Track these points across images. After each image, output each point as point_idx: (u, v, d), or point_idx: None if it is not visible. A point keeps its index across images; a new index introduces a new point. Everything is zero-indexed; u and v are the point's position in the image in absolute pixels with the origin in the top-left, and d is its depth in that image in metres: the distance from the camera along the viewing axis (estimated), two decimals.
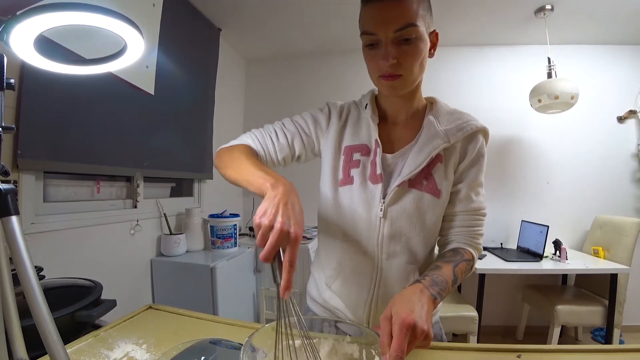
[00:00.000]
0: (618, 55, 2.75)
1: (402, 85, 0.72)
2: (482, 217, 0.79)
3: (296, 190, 0.60)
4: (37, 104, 1.26)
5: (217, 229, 2.20)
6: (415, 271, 0.77)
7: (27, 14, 0.41)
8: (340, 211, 0.79)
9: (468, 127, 0.76)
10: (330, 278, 0.83)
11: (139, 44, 0.52)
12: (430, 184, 0.75)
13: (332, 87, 3.01)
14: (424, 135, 0.77)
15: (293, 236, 0.52)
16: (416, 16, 0.66)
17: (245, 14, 2.39)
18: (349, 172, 0.79)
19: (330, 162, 0.81)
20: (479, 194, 0.79)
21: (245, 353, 0.52)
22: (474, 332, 2.02)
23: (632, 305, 2.54)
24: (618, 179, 2.75)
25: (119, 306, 0.99)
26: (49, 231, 1.35)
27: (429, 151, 0.74)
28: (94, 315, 0.88)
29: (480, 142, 0.78)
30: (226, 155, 0.79)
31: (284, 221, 0.52)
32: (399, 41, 0.67)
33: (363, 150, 0.79)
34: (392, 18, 0.65)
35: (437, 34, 0.74)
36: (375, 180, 0.76)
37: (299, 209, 0.56)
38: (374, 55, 0.70)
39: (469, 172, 0.78)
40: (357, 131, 0.82)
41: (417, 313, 0.53)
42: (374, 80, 0.74)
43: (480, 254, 0.79)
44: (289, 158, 0.84)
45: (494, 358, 0.70)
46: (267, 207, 0.54)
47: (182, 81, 2.16)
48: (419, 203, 0.74)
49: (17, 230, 0.48)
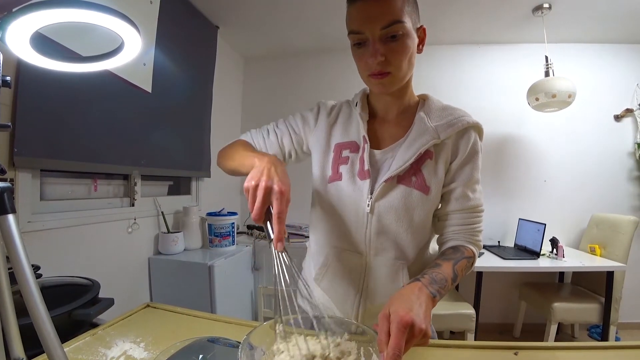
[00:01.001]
0: (615, 54, 2.76)
1: (391, 83, 0.72)
2: (480, 213, 0.79)
3: (282, 162, 0.66)
4: (34, 101, 1.25)
5: (215, 227, 2.19)
6: (404, 267, 0.77)
7: (23, 10, 0.41)
8: (328, 208, 0.81)
9: (459, 123, 0.75)
10: (318, 275, 0.83)
11: (136, 41, 0.52)
12: (419, 180, 0.75)
13: (330, 85, 3.00)
14: (414, 131, 0.77)
15: (277, 190, 0.57)
16: (401, 13, 0.66)
17: (243, 12, 2.38)
18: (337, 169, 0.79)
19: (319, 159, 0.83)
20: (475, 191, 0.78)
21: (243, 351, 0.52)
22: (471, 329, 2.03)
23: (628, 303, 2.56)
24: (615, 177, 2.76)
25: (116, 305, 0.99)
26: (45, 229, 1.35)
27: (418, 147, 0.74)
28: (91, 313, 0.88)
29: (472, 138, 0.77)
30: (223, 151, 0.86)
31: (267, 179, 0.58)
32: (386, 38, 0.67)
33: (352, 147, 0.79)
34: (377, 16, 0.65)
35: (425, 29, 0.74)
36: (363, 176, 0.76)
37: (282, 171, 0.62)
38: (362, 54, 0.70)
39: (463, 170, 0.77)
40: (347, 129, 0.82)
41: (415, 311, 0.53)
42: (364, 79, 0.74)
43: (480, 250, 0.79)
44: (279, 155, 0.88)
45: (491, 355, 0.71)
46: (254, 173, 0.60)
47: (180, 79, 2.15)
48: (407, 199, 0.74)
49: (14, 229, 0.47)
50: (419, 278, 0.64)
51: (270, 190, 0.58)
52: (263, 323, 0.60)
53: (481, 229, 0.79)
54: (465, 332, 2.05)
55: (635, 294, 2.65)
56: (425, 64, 2.82)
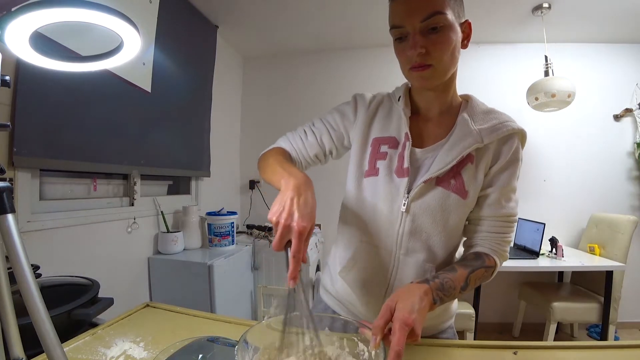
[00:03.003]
0: (615, 54, 2.76)
1: (432, 76, 0.69)
2: (513, 223, 0.77)
3: (310, 183, 0.63)
4: (33, 101, 1.25)
5: (215, 226, 2.19)
6: (432, 270, 0.75)
7: (22, 10, 0.41)
8: (361, 203, 0.79)
9: (504, 129, 0.73)
10: (345, 269, 0.82)
11: (135, 40, 0.52)
12: (458, 184, 0.73)
13: (330, 85, 3.00)
14: (456, 133, 0.74)
15: (296, 230, 0.55)
16: (443, 4, 0.65)
17: (243, 11, 2.38)
18: (374, 164, 0.77)
19: (357, 153, 0.81)
20: (511, 200, 0.76)
21: (240, 350, 0.52)
22: (470, 329, 2.04)
23: (627, 302, 2.56)
24: (614, 177, 2.76)
25: (116, 304, 1.00)
26: (45, 229, 1.34)
27: (460, 150, 0.71)
28: (91, 313, 0.88)
29: (515, 144, 0.74)
30: (261, 161, 0.83)
31: (287, 216, 0.56)
32: (427, 31, 0.65)
33: (391, 143, 0.77)
34: (417, 8, 0.65)
35: (470, 24, 0.72)
36: (401, 174, 0.74)
37: (305, 202, 0.58)
38: (402, 47, 0.68)
39: (501, 175, 0.75)
40: (387, 123, 0.80)
41: (417, 316, 0.55)
42: (405, 74, 0.72)
43: (505, 260, 0.76)
44: (321, 154, 0.86)
45: (491, 355, 0.71)
46: (276, 208, 0.58)
47: (179, 78, 2.15)
48: (444, 202, 0.73)
49: (13, 228, 0.47)
50: (429, 279, 0.63)
51: (289, 229, 0.56)
52: (262, 322, 0.61)
53: (510, 239, 0.77)
54: (465, 332, 2.06)
55: (635, 294, 2.66)
56: None
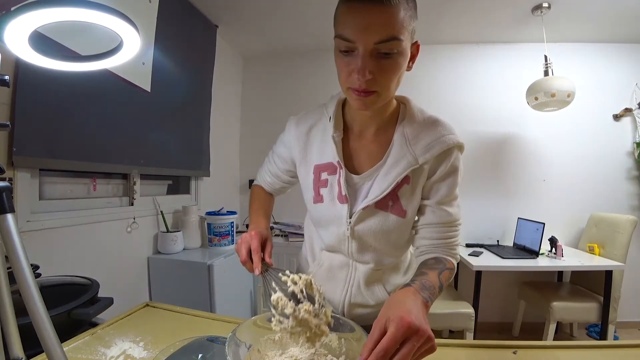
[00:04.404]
0: (614, 54, 2.76)
1: (374, 102, 0.65)
2: (457, 227, 0.78)
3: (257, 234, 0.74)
4: (33, 100, 1.25)
5: (214, 226, 2.19)
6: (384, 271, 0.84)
7: (22, 9, 0.41)
8: (316, 222, 0.86)
9: (438, 146, 0.72)
10: (312, 271, 0.89)
11: (134, 40, 0.52)
12: (397, 206, 0.75)
13: (329, 84, 2.97)
14: (392, 155, 0.74)
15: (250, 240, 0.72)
16: (402, 28, 0.59)
17: (242, 11, 2.37)
18: (319, 191, 0.80)
19: (303, 181, 0.85)
20: (453, 206, 0.77)
21: (230, 347, 0.54)
22: (470, 328, 2.04)
23: (627, 302, 2.56)
24: (613, 176, 2.77)
25: (115, 304, 0.99)
26: (45, 229, 1.34)
27: (395, 176, 0.72)
28: (90, 313, 0.88)
29: (453, 157, 0.73)
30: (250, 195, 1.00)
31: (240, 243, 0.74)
32: (378, 54, 0.60)
33: (330, 169, 0.78)
34: (374, 27, 0.58)
35: (419, 46, 0.68)
36: (341, 200, 0.77)
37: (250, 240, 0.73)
38: (347, 63, 0.62)
39: (440, 186, 0.75)
40: (323, 148, 0.79)
41: (415, 315, 0.51)
42: (343, 89, 0.67)
43: (457, 261, 0.78)
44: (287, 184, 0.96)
45: (490, 354, 0.71)
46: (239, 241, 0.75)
47: (179, 78, 2.15)
48: (384, 223, 0.76)
49: (13, 228, 0.47)
50: (410, 284, 0.62)
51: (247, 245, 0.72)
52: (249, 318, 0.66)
53: (458, 242, 0.78)
54: (464, 331, 2.06)
55: (634, 293, 2.66)
56: (425, 63, 2.82)
